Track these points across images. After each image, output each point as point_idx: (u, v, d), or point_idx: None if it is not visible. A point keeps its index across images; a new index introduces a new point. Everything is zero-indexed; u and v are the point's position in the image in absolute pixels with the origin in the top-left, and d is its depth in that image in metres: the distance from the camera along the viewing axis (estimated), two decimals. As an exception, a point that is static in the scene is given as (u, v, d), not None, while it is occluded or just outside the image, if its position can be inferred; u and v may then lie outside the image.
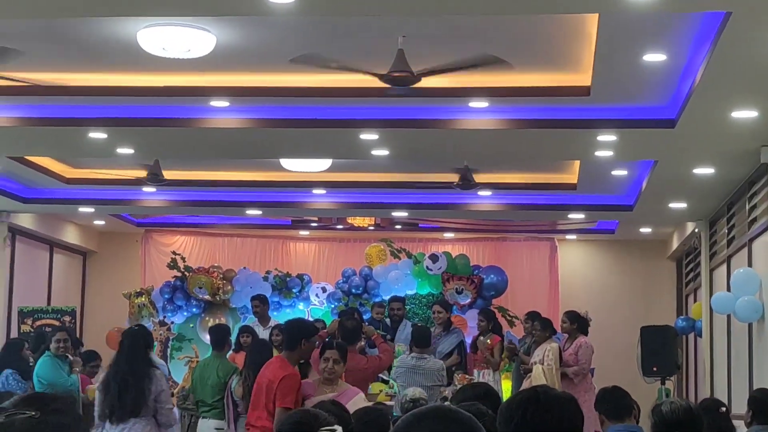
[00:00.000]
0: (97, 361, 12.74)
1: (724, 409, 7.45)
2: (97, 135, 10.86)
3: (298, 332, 8.37)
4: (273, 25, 8.14)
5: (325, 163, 12.73)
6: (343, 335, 10.20)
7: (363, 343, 11.49)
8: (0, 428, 2.18)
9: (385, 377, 11.47)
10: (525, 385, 12.40)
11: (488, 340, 13.67)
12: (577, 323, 12.82)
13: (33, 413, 2.21)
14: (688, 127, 9.48)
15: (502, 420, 3.11)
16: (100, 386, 8.77)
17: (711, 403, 8.08)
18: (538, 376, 12.14)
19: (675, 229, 17.06)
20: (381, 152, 11.41)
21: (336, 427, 3.23)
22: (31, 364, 11.44)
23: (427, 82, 8.50)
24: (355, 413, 5.27)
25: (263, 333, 13.54)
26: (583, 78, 9.01)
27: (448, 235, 19.01)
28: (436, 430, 2.28)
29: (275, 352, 10.32)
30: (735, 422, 8.24)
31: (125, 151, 11.62)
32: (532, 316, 13.56)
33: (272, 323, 14.02)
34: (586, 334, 12.83)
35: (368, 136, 10.65)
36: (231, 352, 12.40)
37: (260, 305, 14.89)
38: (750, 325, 11.59)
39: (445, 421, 2.30)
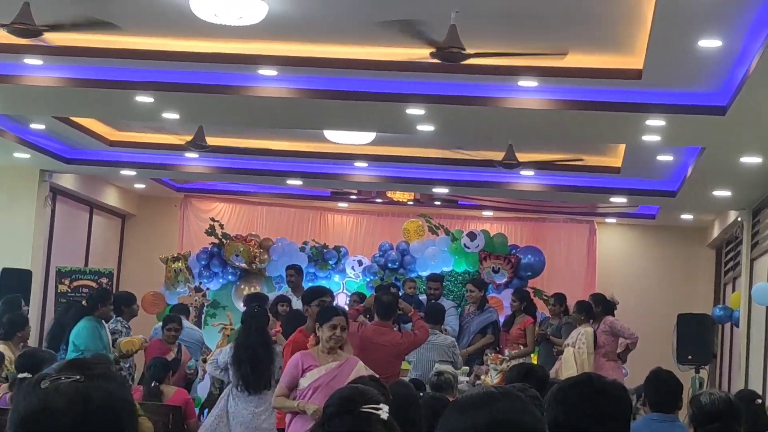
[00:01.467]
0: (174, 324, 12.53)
1: (759, 401, 7.38)
2: (144, 99, 10.87)
3: (304, 298, 8.70)
4: (326, -5, 8.11)
5: (369, 137, 12.70)
6: (379, 310, 10.17)
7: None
8: (44, 394, 2.15)
9: None
10: (555, 366, 12.38)
11: (520, 322, 13.67)
12: (602, 306, 12.92)
13: (78, 377, 2.19)
14: (738, 115, 9.38)
15: (554, 401, 3.10)
16: (231, 360, 9.47)
17: (747, 394, 8.02)
18: (568, 359, 12.13)
19: (716, 217, 16.93)
20: (426, 127, 11.35)
21: (382, 405, 3.20)
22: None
23: (477, 59, 8.43)
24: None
25: (297, 303, 13.56)
26: (635, 61, 8.92)
27: (487, 213, 18.95)
28: (504, 411, 2.26)
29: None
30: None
31: (171, 115, 11.63)
32: (559, 299, 13.65)
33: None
34: (612, 315, 12.95)
35: (414, 110, 10.60)
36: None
37: (294, 275, 14.89)
38: (789, 317, 11.51)
39: (512, 403, 2.28)
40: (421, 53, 8.37)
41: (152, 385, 9.76)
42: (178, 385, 10.50)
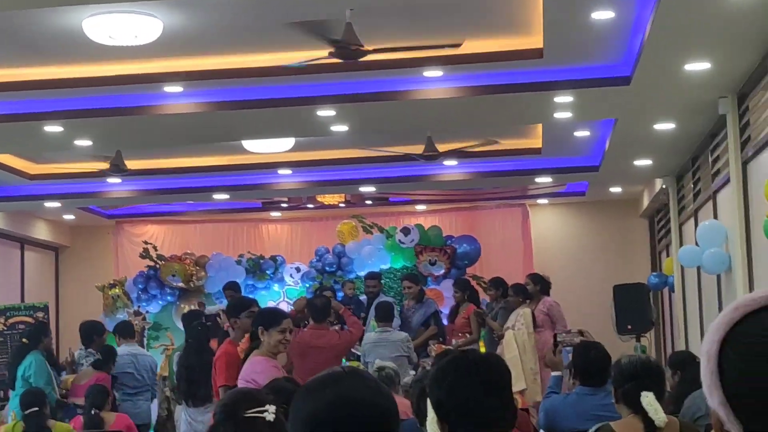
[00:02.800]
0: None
1: (699, 359, 7.46)
2: (53, 128, 10.79)
3: (230, 311, 8.65)
4: (218, 5, 8.10)
5: (288, 143, 12.69)
6: (314, 314, 10.23)
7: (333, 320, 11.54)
8: None
9: (357, 352, 11.54)
10: (498, 351, 12.45)
11: (464, 311, 13.74)
12: (540, 285, 13.08)
13: None
14: (643, 83, 9.48)
15: (434, 382, 3.13)
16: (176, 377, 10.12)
17: (686, 356, 8.14)
18: (509, 341, 12.21)
19: (645, 186, 17.08)
20: (340, 128, 11.37)
21: (267, 407, 3.20)
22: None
23: (377, 55, 8.46)
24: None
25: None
26: (535, 41, 8.98)
27: (420, 207, 19.02)
28: (346, 388, 2.27)
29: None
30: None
31: (83, 143, 11.55)
32: (496, 283, 13.75)
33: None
34: (548, 294, 13.09)
35: (325, 112, 10.61)
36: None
37: (233, 293, 14.80)
38: (718, 277, 11.63)
39: (354, 380, 2.30)
40: (322, 54, 8.38)
41: (92, 413, 9.67)
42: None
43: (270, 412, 3.18)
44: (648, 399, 4.94)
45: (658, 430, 4.93)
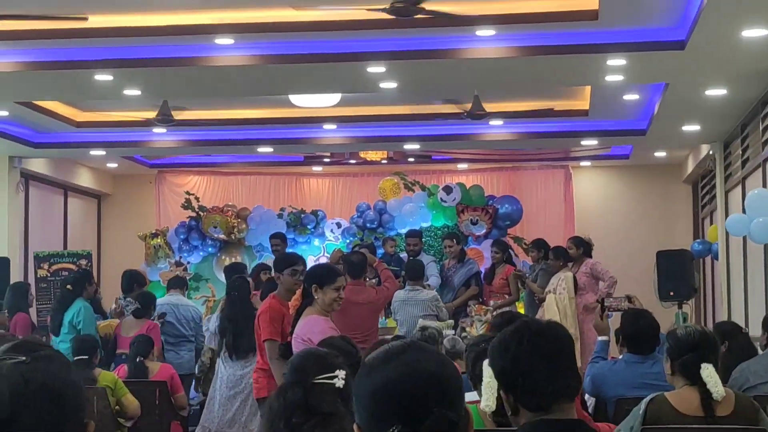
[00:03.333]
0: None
1: (746, 330, 7.42)
2: (104, 77, 10.80)
3: (275, 266, 8.61)
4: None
5: (335, 98, 12.66)
6: (350, 270, 10.21)
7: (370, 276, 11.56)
8: None
9: None
10: (539, 314, 12.43)
11: (501, 272, 13.72)
12: (582, 248, 13.03)
13: (23, 359, 2.19)
14: (697, 48, 9.37)
15: (497, 353, 3.11)
16: (218, 330, 10.07)
17: (732, 326, 8.05)
18: (550, 305, 12.19)
19: (690, 152, 16.94)
20: (389, 85, 11.31)
21: (337, 372, 3.18)
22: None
23: (432, 11, 8.39)
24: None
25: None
26: (590, 1, 8.89)
27: (462, 166, 18.94)
28: (409, 362, 2.26)
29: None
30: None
31: (132, 92, 11.56)
32: (538, 244, 13.70)
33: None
34: (590, 257, 13.05)
35: (375, 68, 10.55)
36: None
37: (280, 243, 14.85)
38: (765, 246, 11.53)
39: (417, 353, 2.29)
40: (377, 10, 8.33)
41: (137, 361, 9.74)
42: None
43: (340, 378, 3.17)
44: (708, 371, 4.89)
45: (715, 402, 4.90)
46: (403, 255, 14.88)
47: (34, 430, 2.14)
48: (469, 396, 5.12)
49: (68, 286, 11.46)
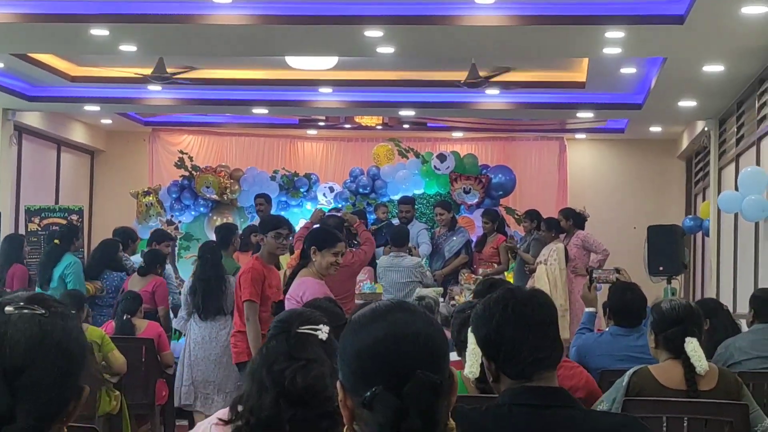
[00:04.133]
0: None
1: (726, 307, 7.45)
2: (99, 32, 10.73)
3: (260, 227, 8.69)
4: None
5: (331, 61, 12.61)
6: None
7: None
8: (5, 319, 2.19)
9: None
10: (529, 284, 12.44)
11: (492, 241, 13.74)
12: (572, 219, 13.05)
13: (42, 312, 2.21)
14: (697, 23, 9.34)
15: (481, 319, 3.12)
16: (188, 290, 9.94)
17: (715, 303, 8.08)
18: (540, 276, 12.19)
19: (685, 127, 16.93)
20: (386, 50, 11.26)
21: (321, 326, 3.19)
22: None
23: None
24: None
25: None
26: (591, -27, 8.86)
27: (457, 134, 18.92)
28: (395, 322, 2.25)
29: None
30: (738, 321, 8.26)
31: (128, 48, 11.50)
32: (531, 215, 13.71)
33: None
34: (582, 229, 13.05)
35: (373, 32, 10.50)
36: (236, 251, 12.45)
37: (264, 203, 14.84)
38: (756, 225, 11.55)
39: (404, 314, 2.28)
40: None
41: (124, 318, 9.74)
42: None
43: (323, 332, 3.18)
44: (693, 345, 4.91)
45: (698, 376, 4.91)
46: (395, 221, 14.88)
47: (39, 384, 2.16)
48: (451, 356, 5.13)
49: (56, 241, 11.47)
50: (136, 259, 11.80)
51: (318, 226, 10.27)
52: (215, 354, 9.56)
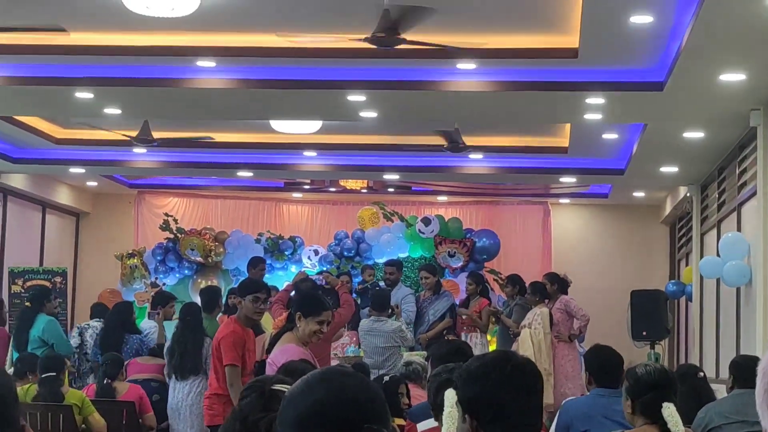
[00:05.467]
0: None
1: (702, 374, 7.46)
2: (84, 95, 10.81)
3: (239, 290, 8.71)
4: (257, -16, 8.09)
5: (316, 125, 12.70)
6: None
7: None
8: None
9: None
10: (513, 348, 12.44)
11: (475, 304, 13.74)
12: (557, 284, 13.05)
13: None
14: (676, 90, 9.45)
15: (473, 378, 3.13)
16: (167, 350, 10.27)
17: (688, 369, 8.09)
18: (525, 339, 12.19)
19: (668, 193, 17.04)
20: (369, 114, 11.36)
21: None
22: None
23: (413, 44, 8.43)
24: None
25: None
26: (571, 40, 8.95)
27: (442, 198, 19.00)
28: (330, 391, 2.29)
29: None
30: (718, 386, 8.27)
31: (112, 111, 11.57)
32: (512, 280, 13.68)
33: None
34: (566, 294, 13.07)
35: (356, 97, 10.60)
36: (221, 314, 12.44)
37: (264, 268, 14.80)
38: (738, 290, 11.58)
39: (340, 378, 2.32)
40: (359, 40, 8.36)
41: (104, 382, 9.72)
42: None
43: None
44: (669, 410, 4.90)
45: (675, 441, 4.91)
46: (382, 284, 14.89)
47: None
48: (428, 423, 5.13)
49: (27, 303, 11.51)
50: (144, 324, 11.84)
51: (305, 291, 10.27)
52: (194, 414, 9.72)
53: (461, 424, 3.11)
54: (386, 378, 7.81)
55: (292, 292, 10.56)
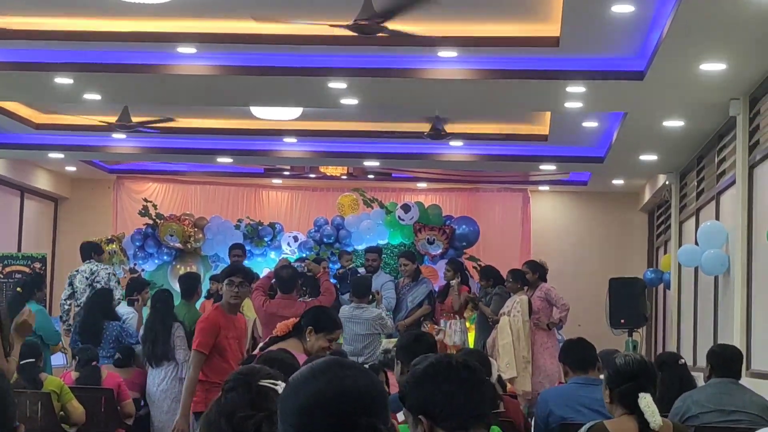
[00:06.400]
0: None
1: (682, 360, 7.52)
2: (64, 80, 10.77)
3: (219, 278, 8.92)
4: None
5: (296, 112, 12.67)
6: (280, 285, 10.30)
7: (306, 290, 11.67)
8: None
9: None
10: (492, 336, 12.48)
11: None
12: (538, 272, 13.06)
13: None
14: (656, 79, 9.48)
15: (420, 381, 3.18)
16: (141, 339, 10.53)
17: (668, 357, 8.15)
18: (503, 327, 12.21)
19: (647, 181, 17.09)
20: (350, 101, 11.36)
21: (279, 383, 3.21)
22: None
23: (395, 31, 8.44)
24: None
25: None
26: (552, 29, 8.98)
27: (421, 185, 19.01)
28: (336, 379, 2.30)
29: None
30: (697, 374, 8.33)
31: (92, 96, 11.53)
32: (486, 273, 13.53)
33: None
34: (545, 281, 13.09)
35: (337, 84, 10.59)
36: (203, 299, 12.47)
37: (241, 254, 14.85)
38: (716, 278, 11.65)
39: (342, 370, 2.33)
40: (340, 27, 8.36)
41: (93, 364, 9.74)
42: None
43: (281, 387, 3.20)
44: (646, 400, 4.93)
45: (652, 431, 4.94)
46: (362, 270, 14.89)
47: None
48: (400, 416, 5.15)
49: (18, 289, 11.41)
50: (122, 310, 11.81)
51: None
52: (168, 399, 9.92)
53: (413, 430, 3.16)
54: (366, 366, 7.81)
55: (273, 280, 10.58)
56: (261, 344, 7.58)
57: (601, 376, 6.88)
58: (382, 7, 8.02)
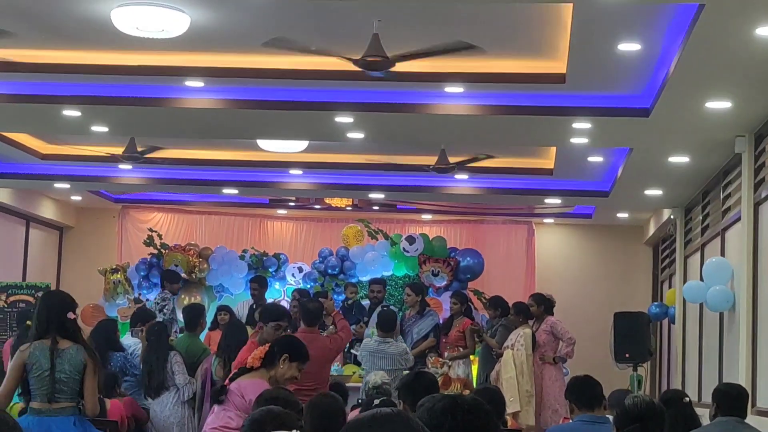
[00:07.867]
0: None
1: (687, 399, 7.52)
2: (72, 113, 10.82)
3: (261, 317, 8.90)
4: (248, 6, 8.12)
5: (302, 144, 12.71)
6: (305, 317, 10.21)
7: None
8: None
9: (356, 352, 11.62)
10: (496, 369, 12.46)
11: (459, 324, 13.72)
12: (543, 305, 13.06)
13: None
14: (662, 116, 9.51)
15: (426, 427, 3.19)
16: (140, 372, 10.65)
17: (673, 395, 8.15)
18: (507, 361, 12.21)
19: (652, 214, 17.09)
20: (356, 135, 11.39)
21: (294, 431, 3.22)
22: None
23: (402, 67, 8.47)
24: (310, 403, 5.22)
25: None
26: (558, 65, 9.01)
27: (426, 216, 19.01)
28: None
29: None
30: (702, 410, 8.30)
31: (100, 128, 11.57)
32: (494, 303, 13.60)
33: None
34: (551, 314, 13.09)
35: (343, 119, 10.63)
36: (207, 330, 12.46)
37: (258, 288, 14.82)
38: (721, 315, 11.63)
39: (402, 425, 2.34)
40: (348, 62, 8.39)
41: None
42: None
43: None
44: (651, 442, 4.96)
45: (659, 471, 4.96)
46: (365, 302, 14.89)
47: None
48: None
49: (28, 322, 11.39)
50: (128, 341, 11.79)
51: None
52: (174, 425, 10.09)
53: None
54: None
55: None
56: (231, 375, 7.60)
57: (608, 414, 6.93)
58: (416, 49, 8.08)
